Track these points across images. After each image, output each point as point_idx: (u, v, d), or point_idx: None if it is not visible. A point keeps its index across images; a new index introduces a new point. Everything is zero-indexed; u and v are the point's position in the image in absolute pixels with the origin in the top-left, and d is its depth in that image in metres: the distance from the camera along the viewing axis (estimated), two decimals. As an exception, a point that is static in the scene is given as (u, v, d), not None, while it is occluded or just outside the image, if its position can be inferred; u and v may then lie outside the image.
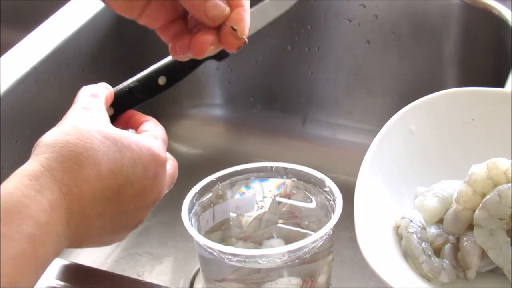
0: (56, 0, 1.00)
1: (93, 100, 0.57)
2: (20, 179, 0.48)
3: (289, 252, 0.65)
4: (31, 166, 0.49)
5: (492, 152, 0.66)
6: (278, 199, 0.74)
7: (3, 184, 0.48)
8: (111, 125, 0.54)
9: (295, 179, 0.74)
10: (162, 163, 0.54)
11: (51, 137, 0.53)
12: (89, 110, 0.55)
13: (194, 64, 0.64)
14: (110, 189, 0.51)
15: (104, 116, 0.55)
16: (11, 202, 0.45)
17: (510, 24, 0.94)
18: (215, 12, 0.53)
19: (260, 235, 0.72)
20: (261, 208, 0.73)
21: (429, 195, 0.67)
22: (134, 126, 0.60)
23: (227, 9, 0.53)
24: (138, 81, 0.66)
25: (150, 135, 0.56)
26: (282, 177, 0.74)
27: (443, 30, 1.02)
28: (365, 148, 0.67)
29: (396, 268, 0.61)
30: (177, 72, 0.65)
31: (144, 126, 0.59)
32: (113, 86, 0.70)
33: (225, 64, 1.14)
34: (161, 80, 0.65)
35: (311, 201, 0.74)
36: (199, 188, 0.69)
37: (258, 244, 0.72)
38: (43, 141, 0.53)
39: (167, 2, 0.56)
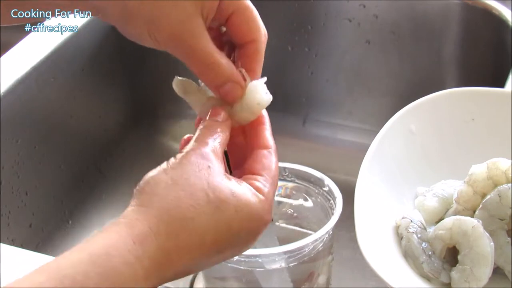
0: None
1: (213, 142, 0.51)
2: (125, 239, 0.44)
3: (289, 252, 0.65)
4: (139, 224, 0.45)
5: (492, 152, 0.66)
6: (278, 199, 0.74)
7: (104, 234, 0.45)
8: (225, 179, 0.49)
9: (295, 179, 0.74)
10: (266, 224, 0.51)
11: (162, 186, 0.48)
12: (207, 159, 0.49)
13: None
14: (209, 256, 0.48)
15: (221, 170, 0.50)
16: (108, 266, 0.43)
17: (510, 24, 0.94)
18: (233, 94, 0.54)
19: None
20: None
21: (429, 195, 0.67)
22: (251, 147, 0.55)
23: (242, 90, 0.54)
24: None
25: (264, 191, 0.51)
26: (282, 178, 0.74)
27: (443, 30, 1.02)
28: (365, 148, 0.67)
29: (396, 268, 0.61)
30: None
31: (258, 166, 0.53)
32: (113, 86, 0.69)
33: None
34: None
35: (311, 201, 0.74)
36: (199, 188, 0.69)
37: (258, 244, 0.72)
38: (154, 190, 0.48)
39: None
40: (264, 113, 0.55)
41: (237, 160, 0.55)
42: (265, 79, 0.55)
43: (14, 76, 0.89)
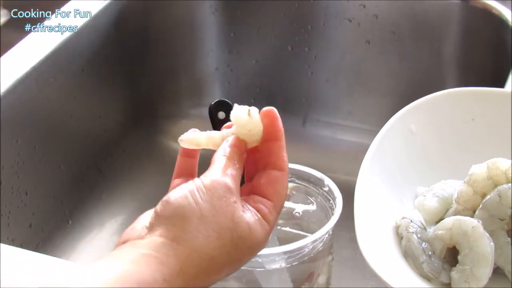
0: (57, 0, 1.00)
1: (236, 175, 0.52)
2: (154, 274, 0.46)
3: (289, 252, 0.65)
4: (170, 261, 0.47)
5: (492, 152, 0.66)
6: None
7: (135, 266, 0.46)
8: (243, 214, 0.50)
9: (295, 180, 0.74)
10: (262, 248, 0.53)
11: (194, 222, 0.48)
12: (232, 194, 0.50)
13: None
14: (222, 277, 0.51)
15: (240, 204, 0.51)
16: None
17: (510, 24, 0.94)
18: None
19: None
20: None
21: (429, 195, 0.67)
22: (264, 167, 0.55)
23: None
24: None
25: (270, 220, 0.52)
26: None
27: (443, 30, 1.02)
28: (365, 148, 0.67)
29: (396, 268, 0.61)
30: None
31: (270, 190, 0.53)
32: (113, 86, 0.69)
33: (225, 64, 1.14)
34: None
35: (311, 202, 0.74)
36: (199, 188, 0.69)
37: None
38: (186, 225, 0.48)
39: None
40: (281, 126, 0.56)
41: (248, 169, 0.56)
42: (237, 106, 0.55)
43: (14, 76, 0.88)
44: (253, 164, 0.55)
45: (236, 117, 0.54)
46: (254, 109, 0.55)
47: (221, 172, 0.51)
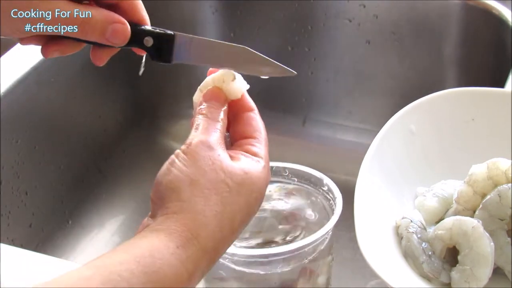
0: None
1: (217, 132, 0.52)
2: (166, 244, 0.46)
3: (289, 252, 0.65)
4: (179, 229, 0.47)
5: (492, 152, 0.66)
6: (278, 199, 0.74)
7: (144, 239, 0.46)
8: (233, 162, 0.51)
9: (295, 180, 0.74)
10: (268, 183, 0.54)
11: (186, 190, 0.49)
12: (215, 149, 0.51)
13: None
14: (238, 234, 0.51)
15: (227, 154, 0.51)
16: (152, 268, 0.44)
17: (510, 24, 0.94)
18: (120, 33, 0.56)
19: (260, 236, 0.72)
20: (261, 209, 0.73)
21: (429, 195, 0.67)
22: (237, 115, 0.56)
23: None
24: None
25: (261, 154, 0.53)
26: (282, 178, 0.74)
27: (443, 30, 1.02)
28: (365, 148, 0.67)
29: (396, 268, 0.61)
30: None
31: (249, 129, 0.55)
32: (113, 86, 0.69)
33: (225, 64, 1.14)
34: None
35: (311, 202, 0.74)
36: (199, 188, 0.69)
37: (258, 244, 0.72)
38: (180, 196, 0.49)
39: None
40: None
41: None
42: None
43: (14, 76, 0.88)
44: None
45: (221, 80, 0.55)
46: (238, 75, 0.56)
47: (198, 133, 0.51)
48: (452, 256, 0.62)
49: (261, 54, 0.56)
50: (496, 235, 0.61)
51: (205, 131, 0.52)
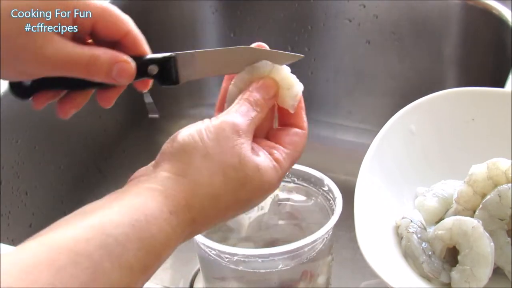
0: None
1: (251, 120, 0.52)
2: (161, 208, 0.47)
3: (289, 252, 0.65)
4: (176, 195, 0.48)
5: (492, 152, 0.66)
6: (278, 200, 0.74)
7: (141, 198, 0.47)
8: (253, 155, 0.51)
9: (295, 180, 0.74)
10: (274, 190, 0.54)
11: (199, 157, 0.49)
12: (241, 136, 0.51)
13: None
14: (225, 220, 0.53)
15: (250, 147, 0.51)
16: (146, 233, 0.45)
17: (510, 24, 0.94)
18: (125, 71, 0.56)
19: (260, 236, 0.72)
20: (261, 209, 0.73)
21: (429, 195, 0.67)
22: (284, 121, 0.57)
23: None
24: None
25: (282, 164, 0.53)
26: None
27: (443, 30, 1.02)
28: (365, 148, 0.67)
29: (396, 268, 0.61)
30: None
31: (286, 139, 0.55)
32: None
33: (225, 64, 1.14)
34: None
35: (311, 202, 0.74)
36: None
37: (258, 244, 0.72)
38: (191, 160, 0.49)
39: None
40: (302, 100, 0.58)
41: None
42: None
43: (14, 76, 0.88)
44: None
45: (284, 75, 0.56)
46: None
47: (234, 114, 0.52)
48: (452, 256, 0.62)
49: (264, 48, 0.57)
50: (496, 235, 0.61)
51: (241, 114, 0.52)
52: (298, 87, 0.57)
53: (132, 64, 0.55)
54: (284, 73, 0.57)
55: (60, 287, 0.40)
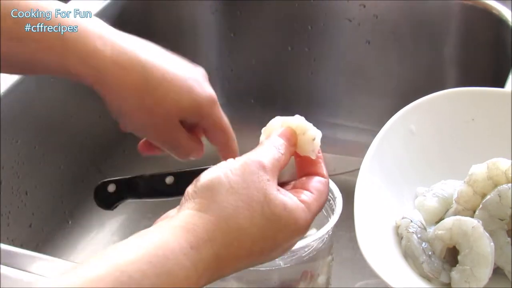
0: (56, 0, 1.00)
1: (275, 161, 0.52)
2: (181, 243, 0.45)
3: (289, 252, 0.65)
4: (197, 229, 0.46)
5: (492, 152, 0.66)
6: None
7: (160, 234, 0.46)
8: (280, 194, 0.50)
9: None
10: (303, 234, 0.53)
11: (223, 193, 0.48)
12: (267, 173, 0.50)
13: None
14: (252, 262, 0.51)
15: (276, 185, 0.51)
16: (164, 268, 0.44)
17: (510, 24, 0.94)
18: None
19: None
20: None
21: (429, 195, 0.67)
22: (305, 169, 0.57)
23: None
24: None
25: (310, 206, 0.52)
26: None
27: (443, 30, 1.02)
28: (365, 148, 0.67)
29: (396, 268, 0.61)
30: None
31: (311, 185, 0.54)
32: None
33: (225, 64, 1.14)
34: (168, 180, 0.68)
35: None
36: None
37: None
38: (214, 196, 0.48)
39: None
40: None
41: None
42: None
43: (14, 76, 0.88)
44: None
45: (298, 122, 0.56)
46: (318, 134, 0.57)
47: (260, 152, 0.51)
48: (452, 256, 0.62)
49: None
50: (496, 235, 0.61)
51: (266, 154, 0.52)
52: (313, 131, 0.56)
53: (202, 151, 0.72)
54: (298, 120, 0.56)
55: None
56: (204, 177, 0.49)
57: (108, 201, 0.66)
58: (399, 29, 1.04)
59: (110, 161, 1.07)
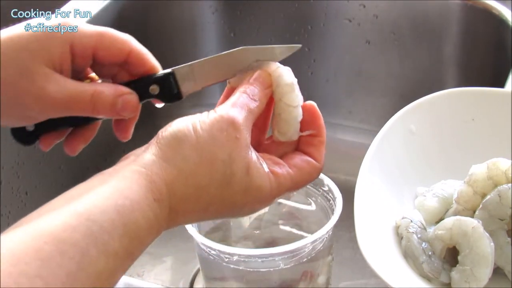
0: (57, 0, 1.00)
1: (248, 112, 0.51)
2: (145, 194, 0.46)
3: (289, 252, 0.65)
4: (159, 180, 0.47)
5: (492, 152, 0.66)
6: (278, 200, 0.74)
7: (126, 182, 0.47)
8: (248, 154, 0.50)
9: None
10: (267, 205, 0.53)
11: (188, 146, 0.49)
12: (237, 130, 0.50)
13: None
14: (208, 218, 0.52)
15: (247, 142, 0.50)
16: (131, 219, 0.45)
17: (510, 24, 0.94)
18: (129, 104, 0.58)
19: (260, 235, 0.72)
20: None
21: (429, 195, 0.67)
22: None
23: None
24: None
25: (280, 179, 0.51)
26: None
27: (443, 30, 1.02)
28: (365, 148, 0.67)
29: (396, 268, 0.61)
30: None
31: (293, 161, 0.54)
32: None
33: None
34: None
35: (311, 202, 0.74)
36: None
37: (258, 244, 0.72)
38: (179, 148, 0.49)
39: None
40: (322, 123, 0.58)
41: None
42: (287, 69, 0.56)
43: (14, 76, 0.88)
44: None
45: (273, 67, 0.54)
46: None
47: (231, 107, 0.51)
48: (452, 256, 0.62)
49: (260, 46, 0.56)
50: (496, 235, 0.61)
51: (237, 107, 0.51)
52: (288, 75, 0.55)
53: (135, 95, 0.56)
54: (274, 66, 0.55)
55: (46, 277, 0.40)
56: (175, 125, 0.50)
57: (27, 138, 0.61)
58: (399, 29, 1.04)
59: (110, 161, 1.06)
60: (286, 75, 0.54)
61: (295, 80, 0.55)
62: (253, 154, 0.50)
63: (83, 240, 0.42)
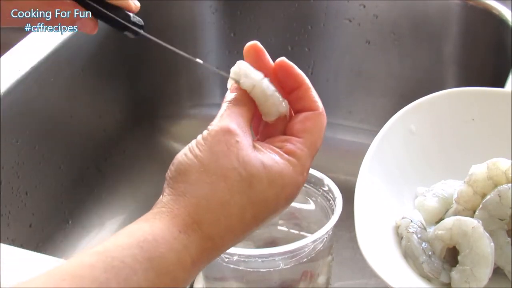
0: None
1: (239, 116, 0.50)
2: (169, 227, 0.45)
3: (289, 252, 0.65)
4: (180, 213, 0.46)
5: (492, 152, 0.66)
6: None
7: (147, 223, 0.45)
8: (254, 151, 0.49)
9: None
10: (300, 186, 0.51)
11: (195, 174, 0.47)
12: (234, 134, 0.48)
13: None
14: (250, 229, 0.49)
15: (249, 142, 0.49)
16: (156, 253, 0.43)
17: (510, 24, 0.94)
18: None
19: (260, 235, 0.72)
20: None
21: (429, 195, 0.67)
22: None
23: None
24: None
25: (297, 153, 0.50)
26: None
27: (443, 30, 1.02)
28: (365, 148, 0.67)
29: (396, 268, 0.61)
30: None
31: (298, 127, 0.52)
32: (113, 86, 0.69)
33: (225, 64, 1.14)
34: None
35: (311, 202, 0.74)
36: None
37: (258, 243, 0.72)
38: (188, 179, 0.47)
39: None
40: (298, 71, 0.54)
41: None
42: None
43: (14, 76, 0.88)
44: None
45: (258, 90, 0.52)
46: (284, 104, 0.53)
47: (220, 119, 0.50)
48: (452, 256, 0.62)
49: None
50: (496, 235, 0.61)
51: (226, 117, 0.50)
52: (255, 74, 0.52)
53: None
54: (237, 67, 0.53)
55: None
56: (176, 160, 0.49)
57: None
58: (399, 29, 1.04)
59: (110, 161, 1.07)
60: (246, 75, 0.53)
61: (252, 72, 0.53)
62: (260, 147, 0.50)
63: (102, 275, 0.41)
